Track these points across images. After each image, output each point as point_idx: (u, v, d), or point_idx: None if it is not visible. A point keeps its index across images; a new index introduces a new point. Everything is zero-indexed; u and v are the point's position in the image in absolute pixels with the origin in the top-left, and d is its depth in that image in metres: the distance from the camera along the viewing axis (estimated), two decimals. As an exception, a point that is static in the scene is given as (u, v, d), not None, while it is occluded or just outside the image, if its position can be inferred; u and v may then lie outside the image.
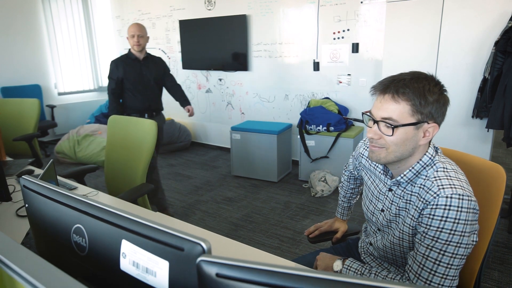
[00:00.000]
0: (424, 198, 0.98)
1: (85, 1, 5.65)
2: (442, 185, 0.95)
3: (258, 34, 4.37)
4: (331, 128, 3.56)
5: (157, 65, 3.14)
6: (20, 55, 5.02)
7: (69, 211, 0.60)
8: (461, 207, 0.91)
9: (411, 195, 1.04)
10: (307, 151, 3.73)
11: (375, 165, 1.20)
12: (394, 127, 0.96)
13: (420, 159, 1.02)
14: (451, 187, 0.93)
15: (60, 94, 5.50)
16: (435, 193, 0.95)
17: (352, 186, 1.53)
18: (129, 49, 3.03)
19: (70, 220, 0.61)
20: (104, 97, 5.98)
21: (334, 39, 3.87)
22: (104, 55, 5.98)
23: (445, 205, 0.92)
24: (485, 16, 2.82)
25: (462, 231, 0.91)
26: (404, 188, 1.07)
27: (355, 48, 3.75)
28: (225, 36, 4.55)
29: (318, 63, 4.00)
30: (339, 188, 1.58)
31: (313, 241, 1.55)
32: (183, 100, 3.33)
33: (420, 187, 1.01)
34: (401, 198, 1.08)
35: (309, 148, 3.73)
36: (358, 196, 1.55)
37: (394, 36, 3.24)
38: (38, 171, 2.08)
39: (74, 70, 5.65)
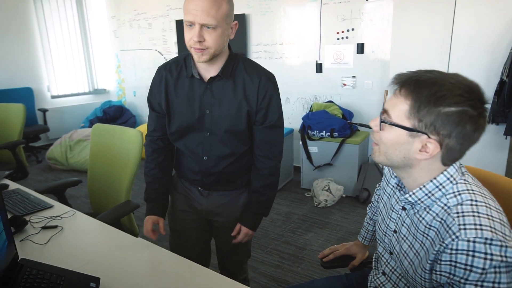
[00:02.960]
0: (442, 237, 0.79)
1: (79, 0, 5.46)
2: (464, 224, 0.76)
3: (258, 34, 4.17)
4: (335, 134, 3.35)
5: (246, 96, 1.34)
6: (11, 57, 4.82)
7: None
8: (491, 254, 0.71)
9: (427, 227, 0.85)
10: (310, 157, 3.52)
11: (391, 176, 1.06)
12: (382, 122, 0.85)
13: (435, 178, 0.83)
14: (476, 229, 0.74)
15: (53, 97, 5.30)
16: (454, 233, 0.76)
17: None
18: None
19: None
20: (99, 100, 5.79)
21: (338, 39, 3.66)
22: (99, 57, 5.79)
23: (467, 250, 0.73)
24: (502, 13, 2.61)
25: (495, 282, 0.72)
26: (418, 212, 0.88)
27: (360, 48, 3.54)
28: (223, 36, 4.35)
29: (321, 64, 3.80)
30: (367, 209, 1.37)
31: (327, 266, 1.37)
32: (254, 207, 1.43)
33: (440, 222, 0.81)
34: (415, 224, 0.89)
35: (311, 155, 3.52)
36: None
37: (402, 36, 3.04)
38: (13, 185, 1.89)
39: (68, 72, 5.46)
